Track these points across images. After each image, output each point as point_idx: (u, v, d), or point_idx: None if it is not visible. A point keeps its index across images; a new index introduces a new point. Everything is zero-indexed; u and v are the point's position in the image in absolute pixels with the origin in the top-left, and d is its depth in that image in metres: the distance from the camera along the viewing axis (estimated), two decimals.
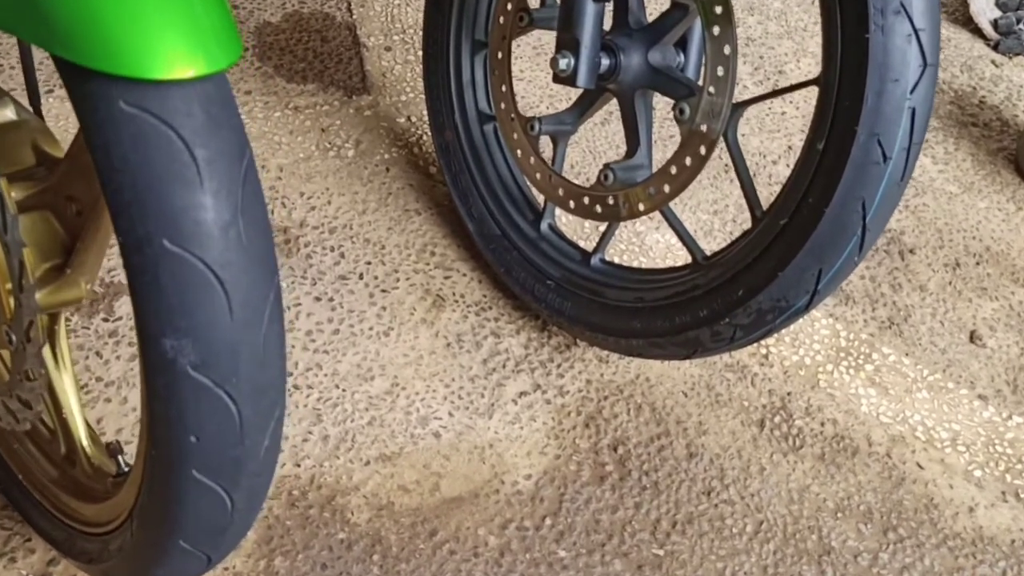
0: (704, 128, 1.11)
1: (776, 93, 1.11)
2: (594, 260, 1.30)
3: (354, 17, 1.79)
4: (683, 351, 1.19)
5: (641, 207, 1.20)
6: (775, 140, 1.72)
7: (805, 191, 1.03)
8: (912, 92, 0.96)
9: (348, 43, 1.74)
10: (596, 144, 1.67)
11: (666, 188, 1.16)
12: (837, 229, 1.01)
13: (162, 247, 0.65)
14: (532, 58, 1.78)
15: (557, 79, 1.18)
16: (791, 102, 1.79)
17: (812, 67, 1.86)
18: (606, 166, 1.21)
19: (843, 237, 1.02)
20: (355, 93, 1.65)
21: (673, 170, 1.15)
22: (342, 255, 1.42)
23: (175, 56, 0.65)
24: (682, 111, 1.12)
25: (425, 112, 1.58)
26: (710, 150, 1.12)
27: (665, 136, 1.70)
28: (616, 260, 1.48)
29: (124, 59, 0.63)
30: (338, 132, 1.58)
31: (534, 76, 1.76)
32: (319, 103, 1.62)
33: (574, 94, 1.45)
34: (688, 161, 1.13)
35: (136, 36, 0.63)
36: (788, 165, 1.68)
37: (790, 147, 1.71)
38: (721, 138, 1.11)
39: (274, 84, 1.64)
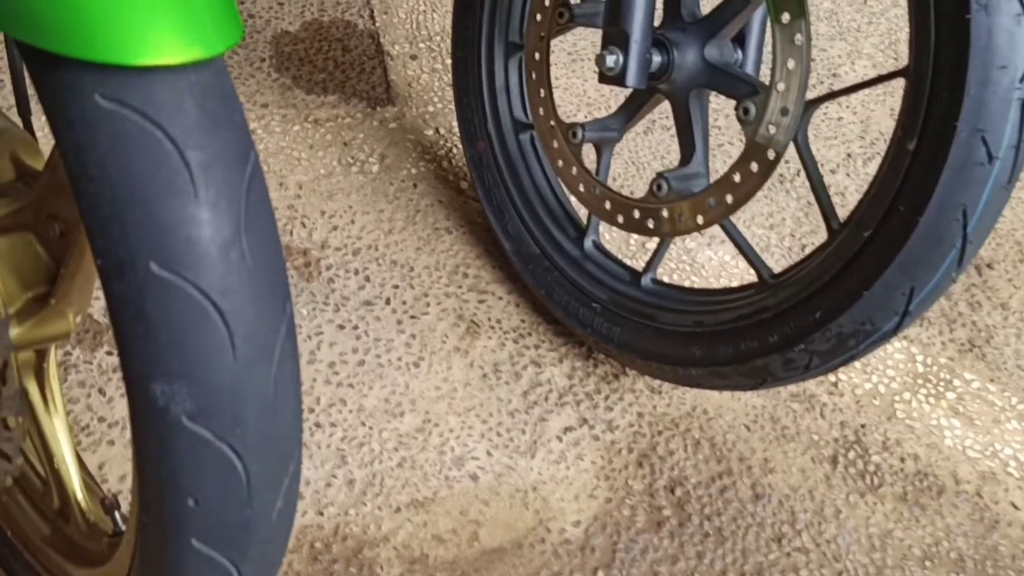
0: (772, 130, 0.98)
1: (857, 87, 0.98)
2: (645, 280, 1.18)
3: (377, 24, 1.68)
4: (750, 381, 1.06)
5: (700, 220, 1.07)
6: (832, 148, 1.59)
7: (894, 198, 0.90)
8: (1023, 80, 0.83)
9: (371, 52, 1.63)
10: (639, 154, 1.54)
11: (728, 198, 1.04)
12: (933, 241, 0.88)
13: (149, 272, 0.53)
14: (568, 65, 1.67)
15: (603, 79, 1.06)
16: (848, 107, 1.66)
17: (868, 69, 1.73)
18: (659, 175, 1.09)
19: (940, 250, 0.89)
20: (379, 104, 1.54)
21: (736, 178, 1.02)
22: (367, 279, 1.30)
23: (162, 38, 0.53)
24: (746, 111, 1.00)
25: (455, 123, 1.47)
26: (779, 154, 0.99)
27: (712, 145, 1.58)
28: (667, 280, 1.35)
29: (99, 42, 0.52)
30: (361, 146, 1.47)
31: (571, 83, 1.64)
32: (341, 116, 1.51)
33: (615, 102, 1.34)
34: (754, 167, 1.00)
35: (114, 14, 0.52)
36: (848, 175, 1.54)
37: (849, 155, 1.58)
38: (791, 141, 0.99)
39: (292, 96, 1.53)
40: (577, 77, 1.65)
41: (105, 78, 0.52)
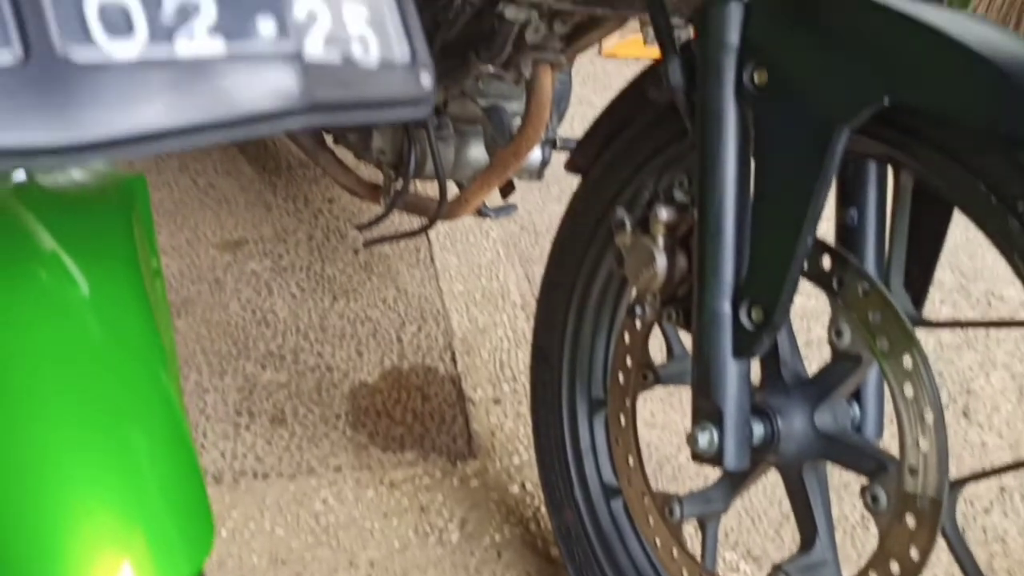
0: (911, 521, 0.80)
1: (1018, 465, 0.80)
2: None
3: (458, 368, 1.60)
4: None
5: None
6: (980, 482, 1.37)
7: None
8: None
9: (452, 399, 1.54)
10: (755, 505, 1.36)
11: None
12: None
13: None
14: (664, 399, 1.53)
15: (697, 458, 0.91)
16: (991, 428, 1.46)
17: (1007, 382, 1.54)
18: (777, 568, 0.91)
19: None
20: (460, 459, 1.42)
21: None
22: None
23: None
24: (875, 499, 0.82)
25: None
26: (926, 551, 0.80)
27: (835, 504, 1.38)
28: None
29: None
30: (440, 510, 1.34)
31: (669, 420, 1.50)
32: (419, 475, 1.39)
33: None
34: (895, 568, 0.81)
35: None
36: (1006, 514, 1.32)
37: (1002, 489, 1.36)
38: (937, 534, 0.80)
39: (368, 456, 1.43)
40: (676, 412, 1.51)
41: None
